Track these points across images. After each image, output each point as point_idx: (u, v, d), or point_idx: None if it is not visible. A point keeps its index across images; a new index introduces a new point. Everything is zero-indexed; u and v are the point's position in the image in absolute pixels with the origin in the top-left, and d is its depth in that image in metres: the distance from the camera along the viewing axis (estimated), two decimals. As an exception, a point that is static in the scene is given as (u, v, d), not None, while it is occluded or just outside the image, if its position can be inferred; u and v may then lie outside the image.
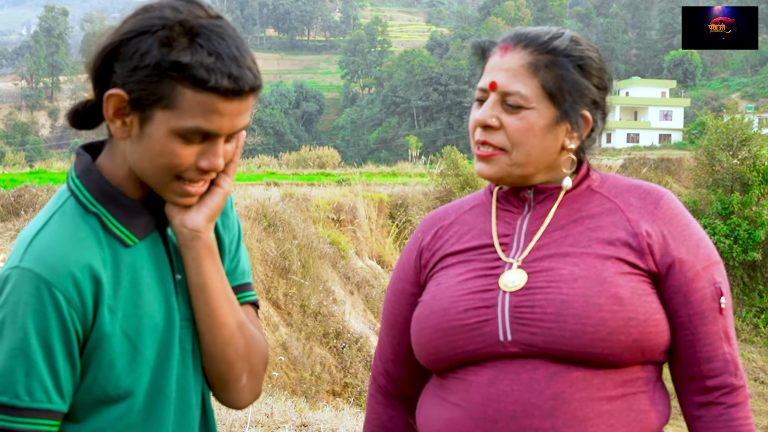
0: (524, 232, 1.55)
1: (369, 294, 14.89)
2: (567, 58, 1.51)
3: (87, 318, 1.28)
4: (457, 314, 1.49)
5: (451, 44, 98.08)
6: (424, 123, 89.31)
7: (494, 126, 1.52)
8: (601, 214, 1.52)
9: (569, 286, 1.44)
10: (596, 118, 1.56)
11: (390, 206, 20.04)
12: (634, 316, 1.41)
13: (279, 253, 12.78)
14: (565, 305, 1.42)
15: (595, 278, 1.44)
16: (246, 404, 1.51)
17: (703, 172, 25.24)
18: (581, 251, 1.48)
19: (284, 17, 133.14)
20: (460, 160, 21.87)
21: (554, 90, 1.50)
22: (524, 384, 1.42)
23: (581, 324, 1.40)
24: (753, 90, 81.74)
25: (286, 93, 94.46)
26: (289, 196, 16.17)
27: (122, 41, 1.26)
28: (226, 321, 1.42)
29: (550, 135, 1.51)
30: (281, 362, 11.04)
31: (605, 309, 1.41)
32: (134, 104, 1.26)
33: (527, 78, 1.50)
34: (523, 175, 1.54)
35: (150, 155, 1.29)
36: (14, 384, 1.22)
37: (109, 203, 1.34)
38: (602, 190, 1.57)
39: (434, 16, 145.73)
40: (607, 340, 1.40)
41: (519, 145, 1.51)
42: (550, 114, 1.51)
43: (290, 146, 74.32)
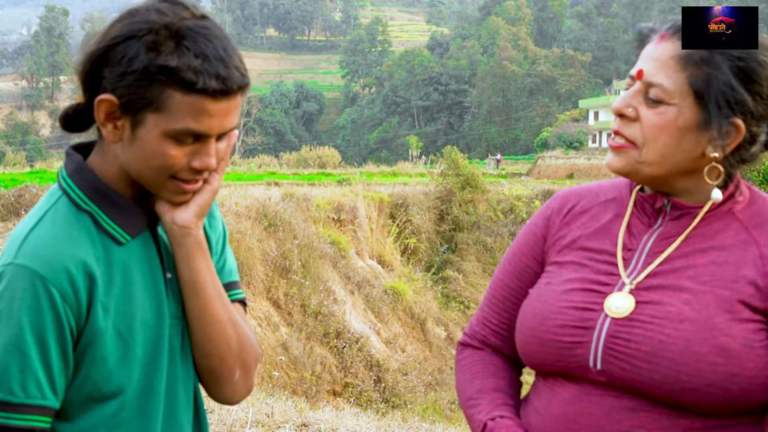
0: (647, 250, 1.42)
1: (369, 294, 14.89)
2: (724, 56, 1.34)
3: (81, 314, 1.28)
4: (554, 327, 1.41)
5: (451, 44, 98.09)
6: (424, 123, 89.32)
7: (630, 116, 1.40)
8: (732, 247, 1.36)
9: (673, 326, 1.31)
10: (757, 131, 1.37)
11: (390, 206, 20.03)
12: (739, 372, 1.27)
13: (279, 253, 12.78)
14: (663, 347, 1.30)
15: (703, 322, 1.30)
16: (239, 399, 1.52)
17: (703, 171, 25.28)
18: (699, 288, 1.33)
19: (285, 17, 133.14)
20: (460, 159, 21.89)
21: (702, 89, 1.34)
22: (604, 410, 1.35)
23: (675, 370, 1.28)
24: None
25: (287, 93, 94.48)
26: (289, 195, 16.17)
27: (110, 46, 1.27)
28: (218, 317, 1.43)
29: (689, 137, 1.36)
30: (282, 362, 11.03)
31: (705, 360, 1.27)
32: (125, 108, 1.28)
33: (674, 71, 1.36)
34: (654, 176, 1.40)
35: (144, 157, 1.31)
36: (9, 380, 1.23)
37: (102, 201, 1.35)
38: (742, 217, 1.39)
39: (435, 15, 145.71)
40: (700, 392, 1.28)
41: (651, 142, 1.37)
42: (693, 114, 1.35)
43: (291, 146, 74.34)
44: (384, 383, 12.39)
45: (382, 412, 9.71)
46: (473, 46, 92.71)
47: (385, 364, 12.77)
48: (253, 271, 11.91)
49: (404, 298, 15.50)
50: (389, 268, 17.90)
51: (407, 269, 18.45)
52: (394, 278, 16.87)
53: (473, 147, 78.80)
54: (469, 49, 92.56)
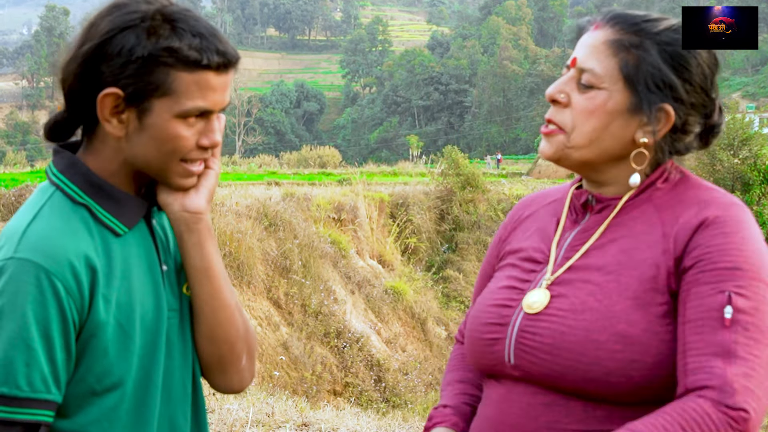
0: (567, 245, 1.44)
1: (370, 293, 14.89)
2: (655, 42, 1.36)
3: (84, 307, 1.28)
4: (479, 326, 1.45)
5: (452, 44, 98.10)
6: (424, 122, 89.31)
7: (562, 102, 1.41)
8: (641, 233, 1.36)
9: (575, 317, 1.32)
10: (686, 117, 1.38)
11: (391, 206, 20.03)
12: (640, 359, 1.26)
13: (280, 253, 12.78)
14: (563, 338, 1.31)
15: (603, 311, 1.30)
16: (245, 385, 1.53)
17: (703, 171, 25.22)
18: (604, 278, 1.34)
19: (285, 17, 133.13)
20: (460, 159, 21.88)
21: (632, 73, 1.35)
22: (522, 408, 1.37)
23: (576, 360, 1.29)
24: (754, 89, 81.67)
25: (287, 92, 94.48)
26: (290, 195, 16.16)
27: (104, 41, 1.29)
28: (228, 302, 1.45)
29: (618, 122, 1.37)
30: (282, 362, 11.04)
31: (604, 348, 1.27)
32: (130, 99, 1.30)
33: (606, 56, 1.37)
34: (583, 161, 1.41)
35: (156, 144, 1.32)
36: (15, 374, 1.21)
37: (97, 194, 1.35)
38: (659, 202, 1.39)
39: (435, 15, 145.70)
40: (602, 381, 1.27)
41: (580, 126, 1.38)
42: (623, 99, 1.36)
43: (291, 146, 74.32)
44: (384, 383, 12.39)
45: (383, 412, 9.71)
46: (474, 45, 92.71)
47: (386, 364, 12.77)
48: (253, 270, 11.91)
49: (405, 297, 15.49)
50: (390, 268, 17.90)
51: (408, 269, 18.44)
52: (394, 278, 16.87)
53: (474, 147, 78.76)
54: (469, 48, 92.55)
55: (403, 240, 19.52)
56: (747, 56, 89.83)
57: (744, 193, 23.84)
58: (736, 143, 24.30)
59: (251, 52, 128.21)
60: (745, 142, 24.25)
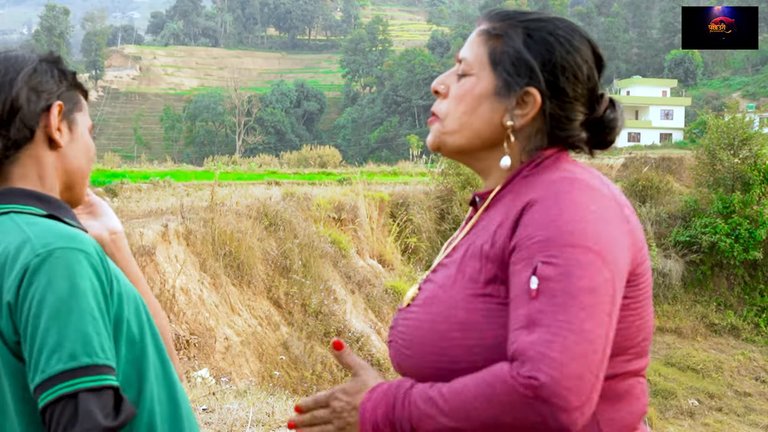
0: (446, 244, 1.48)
1: (370, 293, 14.90)
2: (520, 28, 1.40)
3: (111, 283, 1.42)
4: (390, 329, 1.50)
5: (452, 43, 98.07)
6: (425, 122, 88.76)
7: (441, 93, 1.46)
8: (492, 224, 1.36)
9: (425, 310, 1.35)
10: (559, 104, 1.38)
11: (391, 205, 20.04)
12: (480, 343, 1.27)
13: (280, 252, 12.79)
14: (415, 331, 1.36)
15: (447, 302, 1.32)
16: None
17: (704, 171, 25.25)
18: (452, 271, 1.36)
19: (285, 16, 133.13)
20: (461, 159, 21.87)
21: (497, 58, 1.40)
22: None
23: (425, 352, 1.32)
24: (754, 89, 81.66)
25: (287, 92, 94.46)
26: (290, 195, 16.17)
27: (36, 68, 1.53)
28: (154, 300, 1.70)
29: (485, 106, 1.40)
30: (282, 361, 11.04)
31: (447, 336, 1.29)
32: (66, 113, 1.54)
33: (478, 45, 1.44)
34: (457, 147, 1.45)
35: (84, 151, 1.58)
36: (93, 345, 1.31)
37: (53, 207, 1.50)
38: (519, 188, 1.37)
39: (435, 15, 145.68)
40: (449, 369, 1.28)
41: (452, 111, 1.43)
42: (489, 83, 1.40)
43: (291, 145, 74.36)
44: (384, 382, 12.39)
45: (383, 412, 9.71)
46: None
47: (386, 364, 12.77)
48: (253, 270, 11.91)
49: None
50: (390, 268, 17.91)
51: (408, 268, 18.45)
52: (394, 277, 16.87)
53: (474, 146, 78.59)
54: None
55: (404, 240, 19.52)
56: (747, 56, 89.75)
57: (744, 192, 23.85)
58: (736, 143, 24.32)
59: (251, 52, 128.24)
60: (745, 142, 24.28)
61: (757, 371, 21.14)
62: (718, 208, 23.93)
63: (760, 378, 20.88)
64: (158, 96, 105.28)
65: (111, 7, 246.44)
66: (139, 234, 10.02)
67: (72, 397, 1.26)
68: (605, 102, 1.45)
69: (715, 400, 19.84)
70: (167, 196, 15.56)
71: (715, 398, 19.91)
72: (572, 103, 1.40)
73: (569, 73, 1.39)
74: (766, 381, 20.84)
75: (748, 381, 20.81)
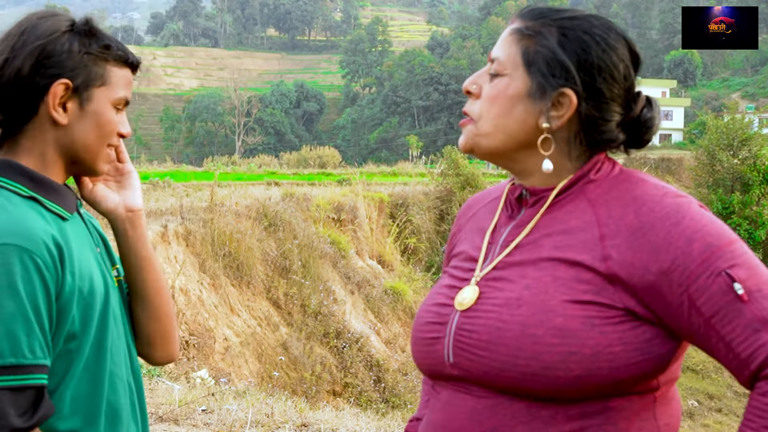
0: (501, 241, 1.42)
1: (369, 294, 14.89)
2: (553, 27, 1.37)
3: (59, 280, 1.43)
4: (421, 325, 1.45)
5: (451, 44, 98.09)
6: (424, 123, 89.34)
7: (474, 93, 1.43)
8: (576, 229, 1.34)
9: (510, 312, 1.30)
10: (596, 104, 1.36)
11: (390, 206, 20.03)
12: (578, 351, 1.24)
13: (279, 253, 12.78)
14: (500, 333, 1.29)
15: (540, 305, 1.28)
16: (177, 355, 1.78)
17: (703, 171, 25.26)
18: (539, 273, 1.32)
19: (285, 17, 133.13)
20: (460, 159, 21.89)
21: (531, 58, 1.37)
22: (467, 412, 1.34)
23: (513, 356, 1.27)
24: (753, 90, 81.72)
25: (287, 93, 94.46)
26: (289, 195, 16.17)
27: (49, 41, 1.51)
28: (166, 284, 1.72)
29: (519, 107, 1.37)
30: (282, 362, 11.04)
31: (542, 342, 1.25)
32: (75, 89, 1.51)
33: (510, 45, 1.40)
34: (492, 149, 1.42)
35: (96, 128, 1.54)
36: (20, 345, 1.36)
37: (39, 187, 1.51)
38: (593, 196, 1.36)
39: (435, 15, 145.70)
40: (540, 376, 1.25)
41: (485, 113, 1.40)
42: (523, 84, 1.37)
43: (291, 146, 74.32)
44: (384, 383, 12.39)
45: (382, 413, 9.71)
46: (473, 46, 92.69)
47: (385, 364, 12.77)
48: (253, 270, 11.90)
49: (404, 298, 15.49)
50: (389, 268, 17.90)
51: (407, 269, 18.45)
52: (394, 278, 16.87)
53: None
54: (469, 49, 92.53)
55: (403, 240, 19.52)
56: (746, 57, 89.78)
57: (743, 193, 23.86)
58: (735, 143, 24.33)
59: (251, 53, 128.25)
60: (744, 143, 24.29)
61: (756, 372, 21.14)
62: (717, 209, 23.93)
63: (760, 379, 20.87)
64: (158, 96, 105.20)
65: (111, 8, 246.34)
66: (138, 234, 10.01)
67: None
68: (642, 101, 1.42)
69: (714, 401, 19.83)
70: (167, 197, 15.54)
71: (714, 399, 19.90)
72: (608, 103, 1.37)
73: (606, 73, 1.36)
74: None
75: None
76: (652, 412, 1.31)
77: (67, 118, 1.52)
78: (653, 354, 1.26)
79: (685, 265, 1.23)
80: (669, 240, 1.25)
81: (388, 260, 18.20)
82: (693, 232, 1.24)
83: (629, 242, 1.28)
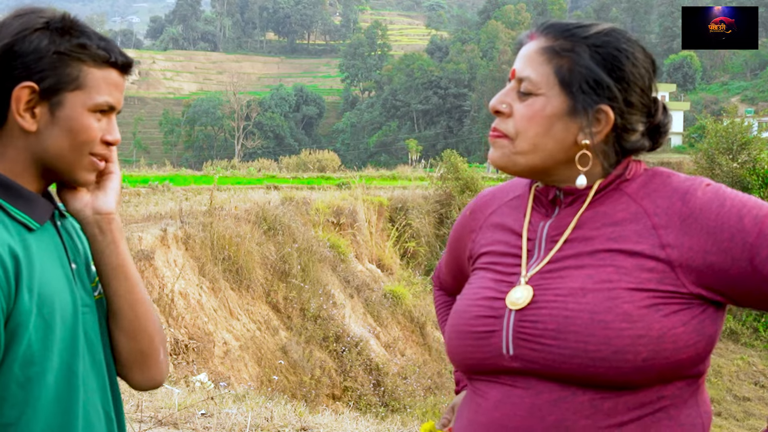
0: (545, 238, 1.46)
1: (369, 297, 14.87)
2: (585, 45, 1.41)
3: (11, 295, 1.30)
4: (469, 319, 1.46)
5: (450, 48, 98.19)
6: (424, 126, 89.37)
7: (504, 112, 1.46)
8: (625, 221, 1.40)
9: (576, 301, 1.34)
10: (627, 117, 1.42)
11: (390, 210, 20.03)
12: (645, 334, 1.29)
13: (279, 257, 12.77)
14: (568, 321, 1.33)
15: (606, 293, 1.33)
16: (163, 379, 1.59)
17: (702, 175, 25.25)
18: (599, 263, 1.37)
19: (284, 21, 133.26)
20: (460, 163, 21.91)
21: (566, 77, 1.40)
22: (526, 409, 1.36)
23: (583, 342, 1.31)
24: (753, 94, 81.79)
25: (286, 96, 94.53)
26: (289, 199, 16.16)
27: (17, 40, 1.37)
28: (143, 297, 1.54)
29: (559, 126, 1.41)
30: (281, 366, 11.02)
31: (612, 327, 1.30)
32: (44, 93, 1.38)
33: (540, 64, 1.42)
34: (531, 167, 1.45)
35: (69, 136, 1.40)
36: None
37: (7, 194, 1.39)
38: (630, 191, 1.43)
39: (434, 19, 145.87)
40: (611, 360, 1.29)
41: (523, 132, 1.43)
42: (560, 103, 1.41)
43: (290, 150, 74.36)
44: (383, 387, 12.38)
45: (382, 416, 9.70)
46: (473, 50, 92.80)
47: (385, 368, 12.75)
48: (252, 274, 11.89)
49: (404, 301, 15.48)
50: (389, 272, 17.89)
51: (407, 273, 18.44)
52: (393, 282, 16.86)
53: (473, 151, 78.75)
54: (468, 53, 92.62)
55: (402, 244, 19.51)
56: (746, 60, 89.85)
57: (743, 197, 23.87)
58: (735, 147, 24.34)
59: (250, 56, 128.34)
60: (743, 147, 24.29)
61: (756, 376, 21.12)
62: (717, 213, 23.94)
63: (759, 383, 20.86)
64: (157, 100, 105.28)
65: (110, 12, 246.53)
66: (137, 238, 10.00)
67: None
68: (660, 106, 1.49)
69: (714, 405, 19.83)
70: (166, 201, 15.55)
71: (714, 403, 19.89)
72: (638, 114, 1.43)
73: (637, 87, 1.42)
74: (765, 386, 20.82)
75: (747, 386, 20.80)
76: (696, 399, 1.39)
77: (35, 124, 1.39)
78: (705, 335, 1.34)
79: (743, 240, 1.31)
80: (721, 220, 1.33)
81: (387, 264, 18.19)
82: (739, 209, 1.33)
83: (682, 229, 1.35)
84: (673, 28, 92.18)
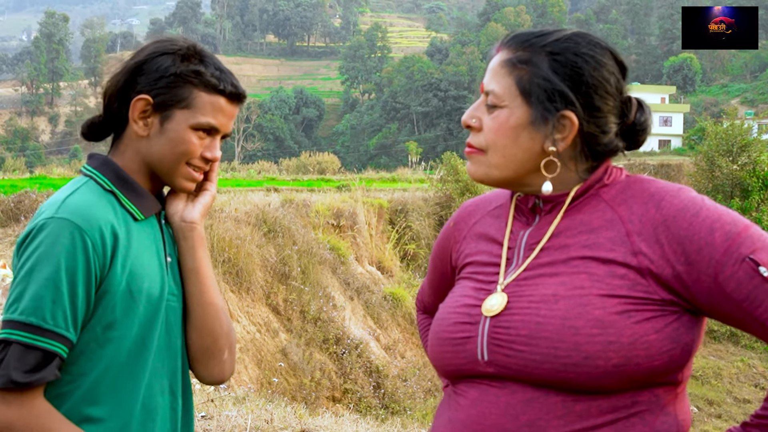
0: (523, 246, 1.48)
1: (369, 300, 14.87)
2: (544, 54, 1.43)
3: (105, 265, 1.54)
4: (448, 326, 1.49)
5: (450, 50, 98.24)
6: (423, 129, 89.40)
7: (475, 127, 1.49)
8: (600, 228, 1.41)
9: (548, 307, 1.36)
10: (595, 120, 1.43)
11: (390, 212, 20.03)
12: (616, 340, 1.30)
13: (279, 259, 12.77)
14: (540, 327, 1.34)
15: (578, 299, 1.35)
16: (226, 378, 1.81)
17: (702, 177, 25.26)
18: (572, 270, 1.39)
19: (284, 23, 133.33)
20: (459, 165, 21.90)
21: (526, 87, 1.42)
22: (501, 408, 1.38)
23: (554, 348, 1.32)
24: (752, 96, 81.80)
25: (286, 99, 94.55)
26: (289, 201, 16.16)
27: (146, 60, 1.64)
28: (214, 300, 1.74)
29: (524, 136, 1.43)
30: (281, 368, 11.02)
31: (582, 333, 1.31)
32: (157, 107, 1.63)
33: (503, 76, 1.45)
34: (506, 178, 1.48)
35: (171, 145, 1.65)
36: (43, 309, 1.47)
37: (122, 186, 1.65)
38: (608, 197, 1.44)
39: (434, 22, 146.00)
40: (581, 365, 1.30)
41: (493, 145, 1.46)
42: (523, 113, 1.43)
43: (290, 152, 74.38)
44: (383, 389, 12.37)
45: (382, 419, 9.69)
46: (473, 52, 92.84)
47: (385, 370, 12.75)
48: (252, 276, 11.89)
49: (404, 304, 15.48)
50: (389, 274, 17.89)
51: (407, 275, 18.43)
52: (393, 284, 16.86)
53: (473, 153, 78.52)
54: (468, 55, 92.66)
55: (402, 246, 19.51)
56: (746, 63, 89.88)
57: (743, 199, 23.86)
58: (734, 149, 24.34)
59: (250, 59, 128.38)
60: (743, 149, 24.29)
61: (756, 378, 21.12)
62: (717, 215, 23.92)
63: (760, 385, 20.85)
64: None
65: (110, 14, 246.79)
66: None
67: (7, 344, 1.45)
68: (634, 106, 1.50)
69: (714, 407, 19.81)
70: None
71: (714, 405, 19.88)
72: (606, 116, 1.44)
73: (600, 90, 1.43)
74: (765, 388, 20.81)
75: (748, 388, 20.79)
76: (674, 407, 1.38)
77: (147, 130, 1.64)
78: (681, 342, 1.34)
79: (710, 255, 1.31)
80: (692, 230, 1.33)
81: (387, 266, 18.19)
82: (713, 222, 1.33)
83: (655, 236, 1.36)
84: (673, 30, 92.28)
